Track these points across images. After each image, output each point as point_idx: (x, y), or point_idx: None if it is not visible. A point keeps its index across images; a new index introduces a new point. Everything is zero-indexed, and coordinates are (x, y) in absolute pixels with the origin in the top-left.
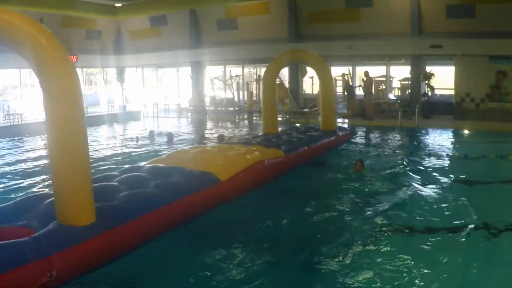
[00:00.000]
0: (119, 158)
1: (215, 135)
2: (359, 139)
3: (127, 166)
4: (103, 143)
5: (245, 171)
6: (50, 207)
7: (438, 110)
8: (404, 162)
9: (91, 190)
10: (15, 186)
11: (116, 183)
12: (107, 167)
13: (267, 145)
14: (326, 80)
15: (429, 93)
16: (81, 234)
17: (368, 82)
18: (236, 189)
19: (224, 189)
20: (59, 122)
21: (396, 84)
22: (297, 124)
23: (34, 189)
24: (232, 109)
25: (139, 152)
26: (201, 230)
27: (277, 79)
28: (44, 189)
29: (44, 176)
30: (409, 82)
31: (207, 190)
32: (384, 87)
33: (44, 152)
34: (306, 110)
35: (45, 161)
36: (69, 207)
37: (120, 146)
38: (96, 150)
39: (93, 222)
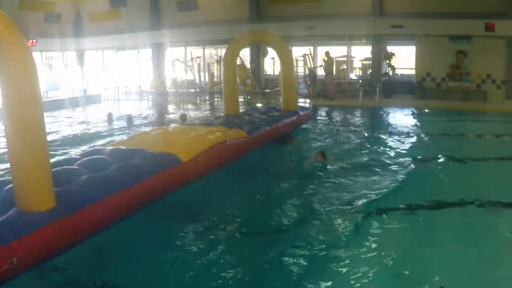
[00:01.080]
0: (77, 142)
1: (177, 116)
2: (321, 119)
3: (87, 149)
4: (63, 127)
5: (208, 152)
6: (9, 193)
7: (399, 90)
8: (364, 141)
9: (50, 175)
10: None
11: (76, 167)
12: (66, 150)
13: (229, 125)
14: (287, 61)
15: (390, 73)
16: (41, 219)
17: (329, 62)
18: (198, 170)
19: (186, 170)
20: (16, 107)
21: (357, 64)
22: (259, 105)
23: None
24: (193, 90)
25: (99, 136)
26: (166, 210)
27: (238, 60)
28: (3, 175)
29: (3, 163)
30: (370, 62)
31: (169, 172)
32: (345, 67)
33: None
34: (268, 90)
35: (3, 148)
36: (28, 192)
37: (79, 130)
38: (56, 135)
39: (52, 207)
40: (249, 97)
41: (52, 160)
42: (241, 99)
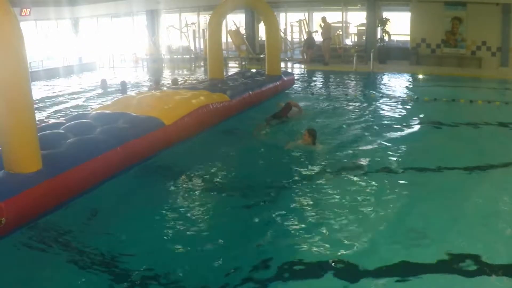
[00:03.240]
0: (71, 108)
1: (169, 81)
2: (314, 83)
3: (73, 113)
4: (57, 95)
5: (190, 115)
6: None
7: (394, 56)
8: (355, 106)
9: (36, 137)
10: None
11: (62, 131)
12: (59, 117)
13: (213, 90)
14: (271, 26)
15: (385, 39)
16: (28, 180)
17: (326, 27)
18: (181, 132)
19: (169, 133)
20: (1, 73)
21: (353, 30)
22: (254, 69)
23: None
24: (188, 56)
25: (93, 102)
26: (151, 172)
27: (234, 26)
28: None
29: None
30: (365, 28)
31: (152, 134)
32: (340, 32)
33: None
34: (262, 56)
35: None
36: (15, 155)
37: (73, 97)
38: (50, 102)
39: (39, 169)
40: (244, 62)
41: (38, 126)
42: (236, 65)
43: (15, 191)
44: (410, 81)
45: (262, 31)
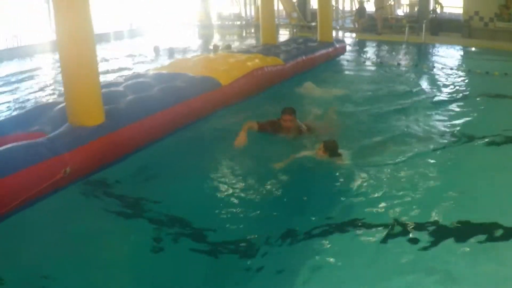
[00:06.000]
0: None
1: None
2: (365, 51)
3: (130, 73)
4: (110, 59)
5: (246, 76)
6: (61, 112)
7: (446, 28)
8: (405, 74)
9: (100, 92)
10: (28, 98)
11: (122, 89)
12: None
13: (266, 54)
14: None
15: (438, 10)
16: (91, 133)
17: None
18: (237, 93)
19: (225, 93)
20: (69, 31)
21: (405, 0)
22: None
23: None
24: (239, 23)
25: (146, 66)
26: (204, 132)
27: None
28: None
29: (53, 88)
30: None
31: (209, 94)
32: (392, 3)
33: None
34: (314, 24)
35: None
36: (79, 108)
37: (126, 62)
38: (103, 66)
39: (101, 123)
40: (295, 30)
41: None
42: (287, 32)
43: (79, 143)
44: (462, 54)
45: None
